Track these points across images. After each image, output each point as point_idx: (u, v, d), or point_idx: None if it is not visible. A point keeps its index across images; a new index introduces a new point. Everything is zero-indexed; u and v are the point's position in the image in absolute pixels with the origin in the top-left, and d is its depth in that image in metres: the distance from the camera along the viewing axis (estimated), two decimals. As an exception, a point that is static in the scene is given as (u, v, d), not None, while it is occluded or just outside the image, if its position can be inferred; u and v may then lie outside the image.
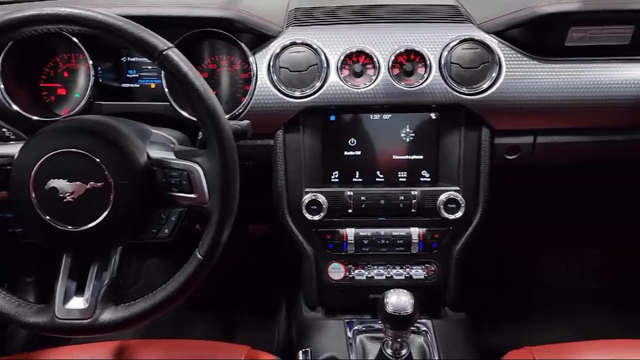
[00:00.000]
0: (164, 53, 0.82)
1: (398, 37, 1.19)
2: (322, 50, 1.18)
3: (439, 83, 1.17)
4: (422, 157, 1.23)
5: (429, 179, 1.24)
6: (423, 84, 1.17)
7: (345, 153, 1.23)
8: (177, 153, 0.91)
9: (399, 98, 1.17)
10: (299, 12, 1.31)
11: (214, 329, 1.80)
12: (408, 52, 1.18)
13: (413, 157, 1.23)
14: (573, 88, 1.17)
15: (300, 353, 1.16)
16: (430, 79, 1.17)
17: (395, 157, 1.23)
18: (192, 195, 0.88)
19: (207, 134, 0.85)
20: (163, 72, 1.17)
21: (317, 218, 1.22)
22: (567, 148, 1.24)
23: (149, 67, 1.23)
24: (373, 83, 1.17)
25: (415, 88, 1.17)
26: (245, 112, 1.17)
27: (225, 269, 1.25)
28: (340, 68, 1.18)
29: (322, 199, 1.21)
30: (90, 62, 1.16)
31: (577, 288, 1.82)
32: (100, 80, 1.19)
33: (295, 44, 1.18)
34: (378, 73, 1.17)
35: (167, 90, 1.17)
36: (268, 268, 1.90)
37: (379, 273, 1.28)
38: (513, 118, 1.20)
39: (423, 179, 1.24)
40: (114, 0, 1.31)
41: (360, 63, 1.18)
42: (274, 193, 1.25)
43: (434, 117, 1.21)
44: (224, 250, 0.87)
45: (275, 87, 1.17)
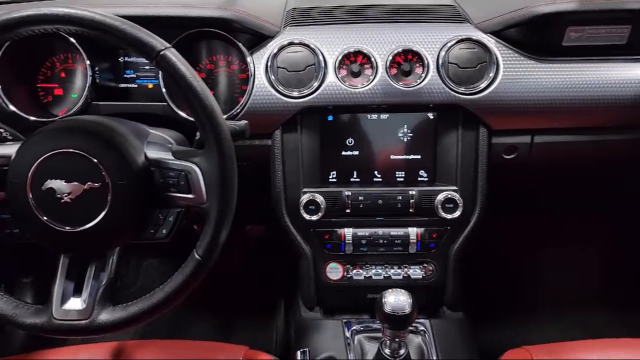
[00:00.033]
0: (162, 53, 0.82)
1: (396, 37, 1.19)
2: (319, 50, 1.18)
3: (437, 83, 1.17)
4: (419, 156, 1.23)
5: (427, 179, 1.24)
6: (421, 84, 1.17)
7: (343, 153, 1.23)
8: (174, 153, 0.91)
9: (397, 98, 1.18)
10: (297, 12, 1.30)
11: (212, 329, 1.79)
12: (406, 52, 1.18)
13: (411, 157, 1.23)
14: (570, 88, 1.17)
15: (299, 353, 1.17)
16: (428, 79, 1.17)
17: (393, 157, 1.24)
18: (189, 196, 0.88)
19: (204, 134, 0.85)
20: (160, 72, 1.17)
21: (315, 218, 1.22)
22: (564, 148, 1.24)
23: (147, 67, 1.23)
24: (371, 83, 1.17)
25: (413, 88, 1.17)
26: (243, 112, 1.17)
27: (224, 270, 1.25)
28: (338, 68, 1.18)
29: (320, 199, 1.21)
30: (88, 62, 1.16)
31: (575, 288, 1.82)
32: (98, 81, 1.19)
33: (293, 44, 1.18)
34: (376, 73, 1.17)
35: (164, 91, 1.17)
36: (266, 268, 1.90)
37: (377, 273, 1.28)
38: (510, 118, 1.20)
39: (421, 179, 1.24)
40: (112, 0, 1.30)
41: (358, 63, 1.18)
42: (272, 193, 1.25)
43: (432, 116, 1.21)
44: (222, 251, 0.87)
45: (273, 87, 1.17)
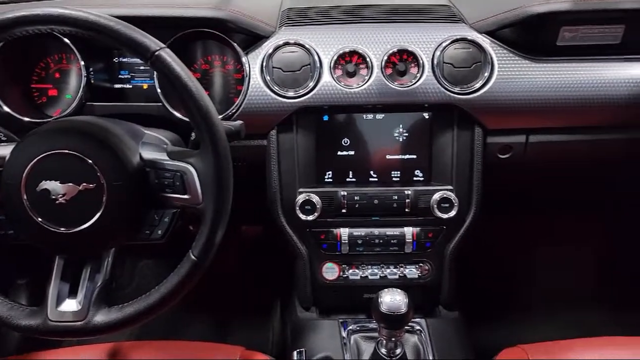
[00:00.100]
0: (156, 54, 0.81)
1: (391, 37, 1.20)
2: (315, 50, 1.18)
3: (432, 83, 1.17)
4: (415, 156, 1.23)
5: (423, 179, 1.24)
6: (416, 84, 1.17)
7: (339, 153, 1.23)
8: (170, 154, 0.91)
9: (392, 98, 1.18)
10: (292, 12, 1.30)
11: (208, 330, 1.79)
12: (401, 52, 1.18)
13: (406, 156, 1.24)
14: (565, 87, 1.18)
15: (295, 353, 1.16)
16: (423, 79, 1.17)
17: (389, 156, 1.24)
18: (185, 196, 0.87)
19: (200, 135, 0.85)
20: (155, 72, 1.16)
21: (311, 218, 1.22)
22: (559, 147, 1.25)
23: (141, 67, 1.22)
24: (366, 83, 1.17)
25: (408, 88, 1.17)
26: (239, 112, 1.17)
27: (219, 270, 1.24)
28: (334, 68, 1.18)
29: (315, 199, 1.21)
30: (82, 62, 1.15)
31: (569, 287, 1.83)
32: (92, 81, 1.18)
33: (288, 44, 1.18)
34: (371, 73, 1.17)
35: (159, 91, 1.16)
36: (262, 268, 1.89)
37: (373, 273, 1.28)
38: (505, 117, 1.20)
39: (416, 179, 1.25)
40: (106, 1, 1.30)
41: (353, 63, 1.18)
42: (268, 193, 1.25)
43: (427, 116, 1.21)
44: (218, 251, 0.87)
45: (269, 87, 1.17)
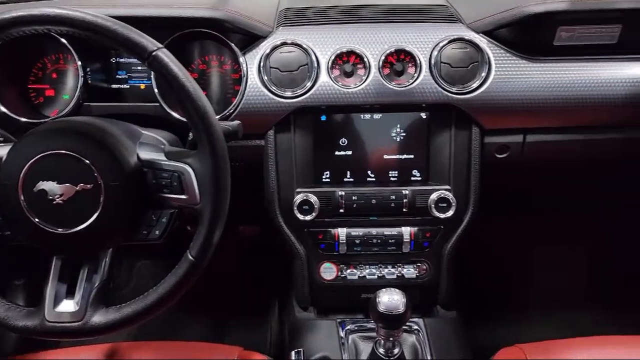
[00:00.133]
0: (154, 54, 0.81)
1: (388, 37, 1.20)
2: (312, 50, 1.18)
3: (429, 83, 1.17)
4: (412, 156, 1.24)
5: (420, 178, 1.24)
6: (413, 84, 1.17)
7: (337, 153, 1.23)
8: (167, 154, 0.91)
9: (390, 98, 1.18)
10: (290, 12, 1.30)
11: (206, 330, 1.79)
12: (398, 52, 1.18)
13: (404, 156, 1.24)
14: (562, 87, 1.18)
15: (293, 353, 1.16)
16: (421, 79, 1.17)
17: (386, 156, 1.24)
18: (183, 197, 0.87)
19: (197, 135, 0.85)
20: (153, 73, 1.16)
21: (308, 218, 1.22)
22: (556, 147, 1.25)
23: (139, 67, 1.22)
24: (364, 83, 1.17)
25: (406, 88, 1.17)
26: (236, 112, 1.17)
27: (217, 270, 1.24)
28: (331, 68, 1.18)
29: (313, 199, 1.21)
30: (79, 63, 1.15)
31: (567, 286, 1.83)
32: (89, 82, 1.18)
33: (286, 44, 1.18)
34: (368, 73, 1.17)
35: (157, 91, 1.16)
36: (260, 269, 1.89)
37: (371, 272, 1.28)
38: (503, 117, 1.21)
39: (414, 179, 1.25)
40: (103, 1, 1.30)
41: (351, 63, 1.18)
42: (266, 193, 1.25)
43: (424, 116, 1.21)
44: (216, 251, 0.87)
45: (266, 87, 1.17)
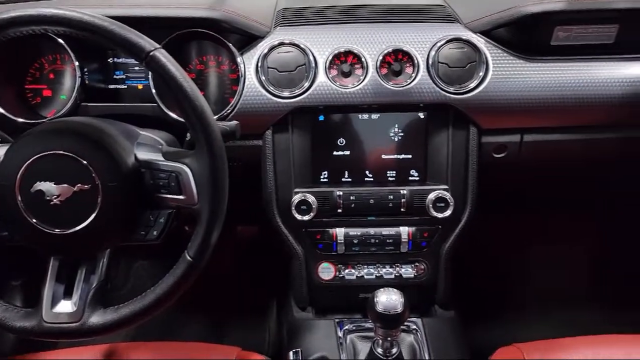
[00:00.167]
0: (151, 54, 0.81)
1: (386, 37, 1.20)
2: (310, 51, 1.18)
3: (427, 82, 1.17)
4: (410, 156, 1.24)
5: (418, 178, 1.25)
6: (411, 84, 1.17)
7: (335, 153, 1.23)
8: (165, 154, 0.91)
9: (388, 98, 1.18)
10: (287, 12, 1.30)
11: (204, 331, 1.79)
12: (396, 51, 1.18)
13: (402, 156, 1.24)
14: (559, 87, 1.18)
15: (291, 353, 1.17)
16: (418, 79, 1.17)
17: (384, 156, 1.24)
18: (180, 197, 0.87)
19: (195, 135, 0.85)
20: (150, 73, 1.16)
21: (306, 218, 1.21)
22: (553, 146, 1.25)
23: (136, 68, 1.22)
24: (361, 83, 1.17)
25: (404, 88, 1.17)
26: (234, 112, 1.17)
27: (215, 271, 1.24)
28: (329, 68, 1.18)
29: (311, 199, 1.21)
30: (77, 63, 1.15)
31: (565, 286, 1.83)
32: (87, 82, 1.18)
33: (284, 44, 1.18)
34: (366, 73, 1.17)
35: (154, 92, 1.16)
36: (258, 269, 1.89)
37: (369, 272, 1.28)
38: (500, 117, 1.21)
39: (412, 178, 1.25)
40: (100, 1, 1.30)
41: (349, 63, 1.18)
42: (264, 194, 1.24)
43: (422, 116, 1.22)
44: (214, 252, 0.87)
45: (264, 87, 1.17)
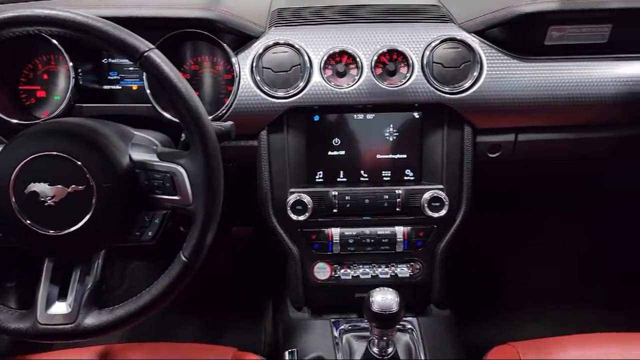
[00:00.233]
0: (145, 54, 0.81)
1: (380, 37, 1.20)
2: (305, 51, 1.18)
3: (422, 82, 1.17)
4: (405, 156, 1.24)
5: (413, 178, 1.25)
6: (406, 84, 1.17)
7: (330, 153, 1.23)
8: (159, 155, 0.91)
9: (382, 98, 1.18)
10: (282, 12, 1.30)
11: (200, 331, 1.79)
12: (391, 51, 1.18)
13: (397, 156, 1.24)
14: (553, 86, 1.19)
15: (287, 353, 1.16)
16: (413, 79, 1.17)
17: (379, 156, 1.24)
18: (175, 197, 0.87)
19: (190, 136, 0.85)
20: (145, 73, 1.16)
21: (302, 218, 1.22)
22: (548, 145, 1.26)
23: (131, 68, 1.22)
24: (356, 83, 1.17)
25: (398, 87, 1.17)
26: (229, 113, 1.17)
27: (211, 271, 1.24)
28: (324, 68, 1.18)
29: (307, 199, 1.21)
30: (70, 64, 1.14)
31: (559, 285, 1.84)
32: (81, 82, 1.17)
33: (278, 45, 1.18)
34: (361, 73, 1.18)
35: (149, 92, 1.16)
36: (253, 269, 1.89)
37: (365, 272, 1.28)
38: (494, 116, 1.21)
39: (407, 178, 1.25)
40: (95, 2, 1.29)
41: (343, 63, 1.19)
42: (259, 194, 1.24)
43: (417, 116, 1.22)
44: (209, 252, 0.86)
45: (259, 87, 1.17)
